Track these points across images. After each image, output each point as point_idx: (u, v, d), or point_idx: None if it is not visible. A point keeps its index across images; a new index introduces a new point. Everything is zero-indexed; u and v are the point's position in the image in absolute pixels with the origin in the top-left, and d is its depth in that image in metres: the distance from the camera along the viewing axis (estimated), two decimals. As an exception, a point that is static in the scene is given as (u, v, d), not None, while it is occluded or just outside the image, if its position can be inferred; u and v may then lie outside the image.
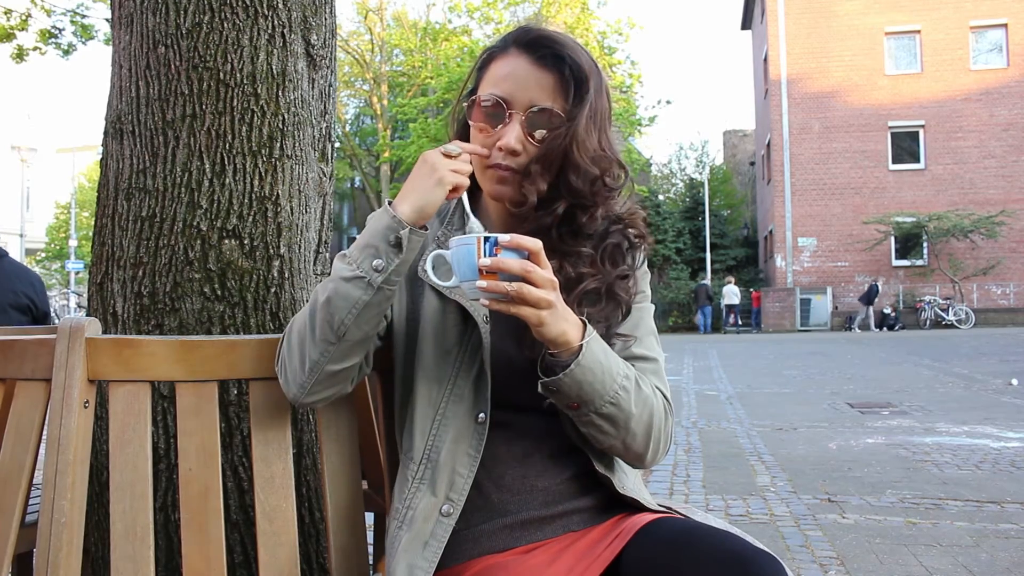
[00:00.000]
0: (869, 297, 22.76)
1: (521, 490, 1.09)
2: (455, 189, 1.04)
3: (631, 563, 1.01)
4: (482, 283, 0.95)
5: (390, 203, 1.04)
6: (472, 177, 1.22)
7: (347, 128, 29.82)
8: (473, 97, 1.13)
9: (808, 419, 6.29)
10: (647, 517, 1.06)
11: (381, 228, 1.01)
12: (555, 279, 0.98)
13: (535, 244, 0.96)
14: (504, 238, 0.95)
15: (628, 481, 1.16)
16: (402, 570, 1.04)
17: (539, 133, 1.09)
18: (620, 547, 1.02)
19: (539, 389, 1.03)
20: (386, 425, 1.29)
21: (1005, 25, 24.52)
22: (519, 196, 1.10)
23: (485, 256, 0.95)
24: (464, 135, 1.18)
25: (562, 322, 0.99)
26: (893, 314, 23.05)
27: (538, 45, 1.09)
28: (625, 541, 1.02)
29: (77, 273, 26.82)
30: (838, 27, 25.17)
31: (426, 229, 1.03)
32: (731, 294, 24.81)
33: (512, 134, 1.08)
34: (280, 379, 1.12)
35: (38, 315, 2.36)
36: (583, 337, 1.01)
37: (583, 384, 1.01)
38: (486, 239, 0.95)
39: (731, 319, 24.68)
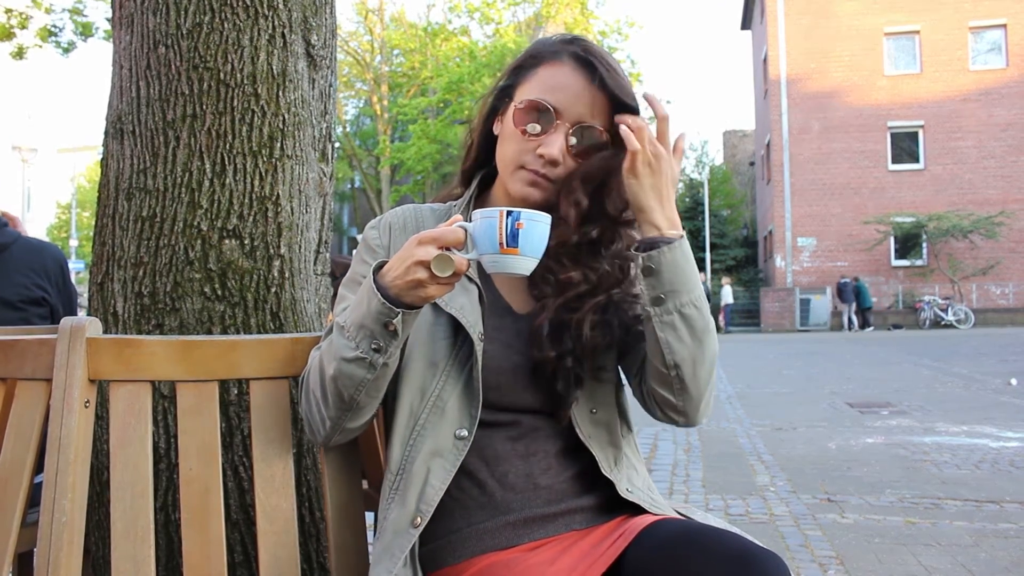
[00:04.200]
0: (845, 295, 22.74)
1: (525, 488, 1.09)
2: None
3: (634, 563, 1.01)
4: (530, 258, 0.96)
5: (377, 271, 1.00)
6: (479, 171, 1.23)
7: (347, 129, 29.80)
8: (522, 100, 1.12)
9: (808, 419, 6.29)
10: (650, 518, 1.06)
11: (372, 312, 0.98)
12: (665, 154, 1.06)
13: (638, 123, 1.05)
14: (526, 212, 0.96)
15: (638, 479, 1.16)
16: None
17: (578, 149, 1.11)
18: (623, 547, 1.02)
19: (639, 269, 1.06)
20: (386, 425, 1.29)
21: (1004, 25, 24.52)
22: (546, 205, 1.11)
23: (507, 230, 0.94)
24: (487, 127, 1.20)
25: (671, 204, 1.07)
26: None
27: (597, 66, 1.10)
28: (628, 541, 1.02)
29: (78, 273, 26.74)
30: (837, 27, 25.17)
31: (419, 308, 1.00)
32: (728, 294, 24.82)
33: (556, 144, 1.10)
34: (304, 426, 1.16)
35: (55, 301, 2.04)
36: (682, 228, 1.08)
37: (678, 267, 1.05)
38: (508, 213, 0.95)
39: (724, 320, 24.67)
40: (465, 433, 1.08)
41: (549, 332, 1.09)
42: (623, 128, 1.05)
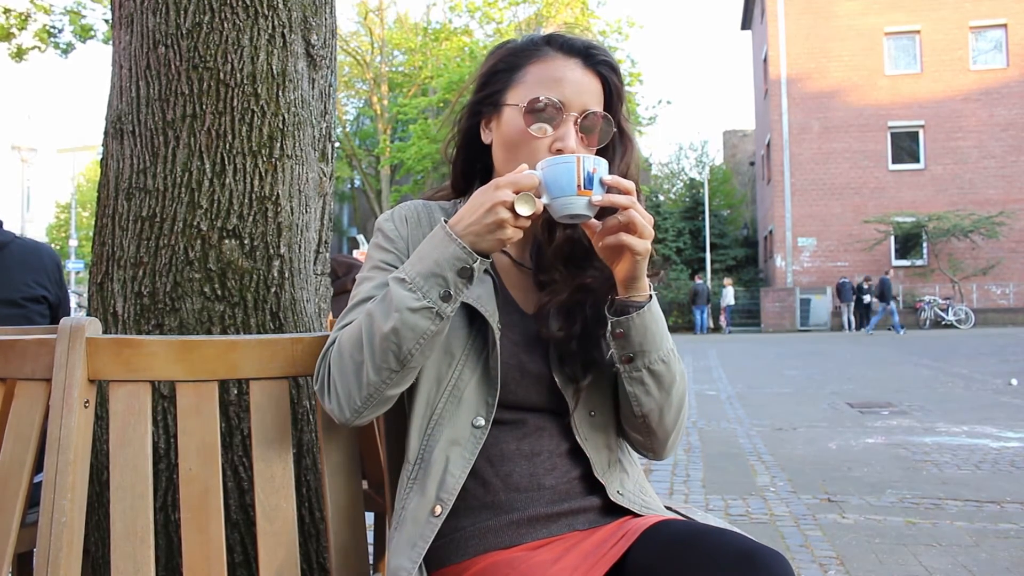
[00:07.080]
0: (844, 295, 22.68)
1: (528, 488, 1.10)
2: None
3: (637, 564, 1.01)
4: (597, 197, 0.98)
5: (446, 221, 1.02)
6: (476, 171, 1.23)
7: (347, 129, 29.79)
8: (524, 101, 1.11)
9: (808, 419, 6.29)
10: (653, 519, 1.07)
11: (448, 257, 0.99)
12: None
13: (630, 185, 1.01)
14: (597, 158, 1.00)
15: (629, 483, 1.16)
16: (390, 572, 1.05)
17: (591, 136, 1.13)
18: (625, 548, 1.02)
19: (607, 333, 1.08)
20: (386, 425, 1.29)
21: (1005, 25, 24.51)
22: None
23: (584, 173, 0.98)
24: (473, 137, 1.19)
25: (646, 267, 1.06)
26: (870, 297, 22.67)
27: (589, 53, 1.14)
28: (631, 542, 1.03)
29: (77, 273, 26.80)
30: (838, 27, 25.16)
31: (490, 257, 1.02)
32: (729, 295, 24.80)
33: (571, 136, 1.10)
34: (327, 403, 1.09)
35: (54, 301, 2.07)
36: (651, 289, 1.08)
37: (647, 330, 1.06)
38: (582, 158, 0.99)
39: (725, 320, 24.63)
40: (482, 422, 1.09)
41: (560, 311, 1.12)
42: (619, 198, 1.00)
